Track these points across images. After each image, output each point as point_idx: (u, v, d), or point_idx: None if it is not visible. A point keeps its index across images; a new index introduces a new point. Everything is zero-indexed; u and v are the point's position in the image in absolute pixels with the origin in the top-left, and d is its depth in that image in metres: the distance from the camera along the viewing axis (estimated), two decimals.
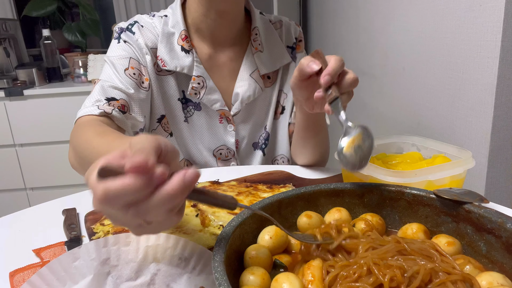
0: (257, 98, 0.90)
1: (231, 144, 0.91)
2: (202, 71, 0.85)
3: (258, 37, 0.89)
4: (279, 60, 0.91)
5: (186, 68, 0.83)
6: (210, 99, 0.86)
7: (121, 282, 0.44)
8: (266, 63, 0.89)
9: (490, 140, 0.80)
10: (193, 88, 0.84)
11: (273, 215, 0.48)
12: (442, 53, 0.93)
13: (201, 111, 0.88)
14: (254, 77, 0.88)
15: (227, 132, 0.90)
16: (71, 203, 0.68)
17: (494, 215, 0.41)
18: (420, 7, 1.02)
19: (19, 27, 2.33)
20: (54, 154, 2.06)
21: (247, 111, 0.90)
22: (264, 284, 0.38)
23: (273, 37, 0.91)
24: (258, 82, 0.88)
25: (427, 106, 1.01)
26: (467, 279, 0.35)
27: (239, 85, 0.87)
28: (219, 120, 0.89)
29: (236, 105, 0.88)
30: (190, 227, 0.55)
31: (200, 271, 0.45)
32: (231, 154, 0.92)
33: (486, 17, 0.77)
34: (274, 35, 0.92)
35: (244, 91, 0.87)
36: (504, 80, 0.76)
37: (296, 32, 0.95)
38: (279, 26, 0.94)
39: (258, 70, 0.88)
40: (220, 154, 0.92)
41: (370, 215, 0.49)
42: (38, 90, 1.97)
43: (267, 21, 0.92)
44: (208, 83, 0.85)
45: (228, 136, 0.90)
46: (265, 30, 0.91)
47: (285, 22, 0.95)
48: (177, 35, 0.84)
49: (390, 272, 0.35)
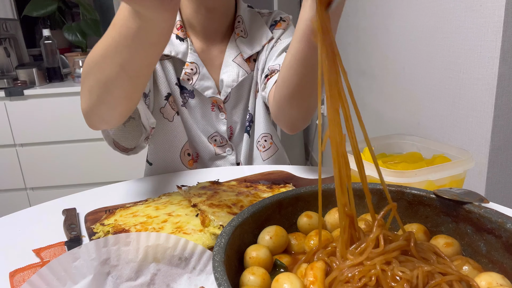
0: (244, 82, 0.92)
1: (222, 131, 0.94)
2: (195, 58, 0.87)
3: (240, 24, 0.91)
4: (262, 40, 0.92)
5: (180, 53, 0.86)
6: (202, 86, 0.88)
7: (121, 282, 0.44)
8: (248, 45, 0.91)
9: (490, 140, 0.80)
10: (186, 74, 0.87)
11: (273, 215, 0.48)
12: (442, 53, 0.93)
13: (194, 98, 0.91)
14: (237, 62, 0.90)
15: (219, 120, 0.93)
16: (71, 203, 0.68)
17: (494, 215, 0.41)
18: (420, 7, 1.02)
19: (20, 27, 2.33)
20: (54, 154, 2.06)
21: (236, 96, 0.93)
22: (265, 284, 0.38)
23: (257, 23, 0.93)
24: (242, 65, 0.90)
25: (427, 106, 1.01)
26: (464, 280, 0.35)
27: (223, 72, 0.90)
28: (211, 108, 0.92)
29: (223, 91, 0.90)
30: (190, 227, 0.55)
31: (200, 271, 0.45)
32: (224, 141, 0.95)
33: (486, 17, 0.77)
34: (258, 21, 0.94)
35: (228, 76, 0.89)
36: (504, 80, 0.76)
37: (283, 15, 0.95)
38: (267, 15, 0.96)
39: (241, 54, 0.90)
40: (215, 140, 0.95)
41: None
42: (39, 90, 1.97)
43: (254, 12, 0.95)
44: (201, 69, 0.87)
45: (220, 124, 0.93)
46: (250, 18, 0.93)
47: (275, 12, 0.97)
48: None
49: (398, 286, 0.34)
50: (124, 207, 0.64)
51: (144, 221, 0.57)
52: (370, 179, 0.58)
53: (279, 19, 0.94)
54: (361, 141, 0.70)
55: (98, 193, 0.74)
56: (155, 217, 0.59)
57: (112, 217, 0.60)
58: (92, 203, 0.67)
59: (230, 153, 0.96)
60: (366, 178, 0.45)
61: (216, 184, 0.71)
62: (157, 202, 0.65)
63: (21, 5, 2.31)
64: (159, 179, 0.81)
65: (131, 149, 0.78)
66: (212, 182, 0.72)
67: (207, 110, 0.92)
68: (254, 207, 0.46)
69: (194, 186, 0.70)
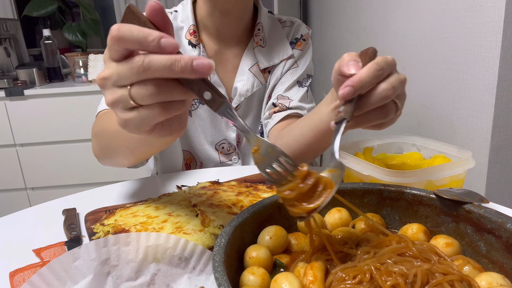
0: (256, 92, 0.91)
1: (231, 139, 0.93)
2: None
3: (260, 32, 0.89)
4: (281, 54, 0.91)
5: None
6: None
7: (121, 282, 0.44)
8: (267, 57, 0.89)
9: (491, 140, 0.80)
10: None
11: (273, 215, 0.48)
12: (442, 53, 0.93)
13: (205, 105, 0.89)
14: (253, 71, 0.89)
15: (229, 127, 0.92)
16: (71, 203, 0.68)
17: (494, 215, 0.41)
18: (420, 7, 1.02)
19: (20, 27, 2.33)
20: (55, 154, 2.06)
21: (247, 105, 0.92)
22: (264, 284, 0.38)
23: (278, 33, 0.92)
24: (257, 76, 0.89)
25: (427, 106, 1.01)
26: (465, 280, 0.35)
27: (238, 80, 0.89)
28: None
29: (235, 100, 0.89)
30: (190, 227, 0.55)
31: (200, 271, 0.45)
32: (232, 149, 0.94)
33: (487, 17, 0.77)
34: (279, 31, 0.92)
35: (242, 85, 0.88)
36: (504, 80, 0.76)
37: (304, 31, 0.94)
38: (289, 25, 0.94)
39: (257, 64, 0.89)
40: (222, 148, 0.94)
41: (370, 215, 0.49)
42: (39, 90, 1.98)
43: (275, 19, 0.93)
44: (212, 77, 0.87)
45: (229, 131, 0.92)
46: (270, 27, 0.91)
47: (296, 23, 0.95)
48: (185, 29, 0.86)
49: (392, 280, 0.35)
50: (124, 207, 0.64)
51: (144, 221, 0.57)
52: (370, 179, 0.58)
53: (299, 36, 0.93)
54: (362, 141, 0.70)
55: (98, 193, 0.74)
56: (155, 217, 0.59)
57: (112, 217, 0.60)
58: (92, 203, 0.67)
59: (236, 162, 0.95)
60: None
61: (216, 184, 0.71)
62: (157, 202, 0.65)
63: (21, 5, 2.31)
64: (159, 179, 0.81)
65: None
66: (212, 182, 0.72)
67: (217, 117, 0.90)
68: (254, 207, 0.46)
69: (194, 186, 0.70)
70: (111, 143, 0.63)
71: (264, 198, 0.48)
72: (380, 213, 0.50)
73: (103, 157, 0.70)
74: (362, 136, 1.54)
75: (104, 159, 0.70)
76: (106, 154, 0.68)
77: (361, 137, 1.29)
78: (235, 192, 0.66)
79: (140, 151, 0.61)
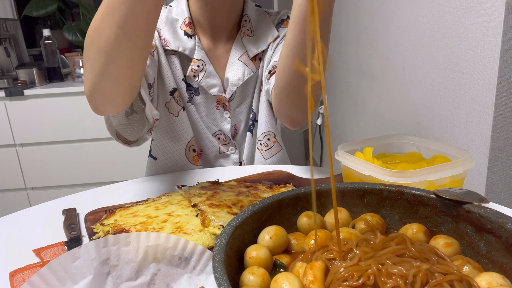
0: (249, 81, 0.92)
1: (226, 130, 0.94)
2: (202, 55, 0.88)
3: (247, 23, 0.91)
4: (269, 39, 0.92)
5: (188, 50, 0.86)
6: (208, 83, 0.88)
7: (121, 282, 0.44)
8: (255, 44, 0.91)
9: (490, 140, 0.80)
10: (192, 70, 0.87)
11: (273, 215, 0.48)
12: (442, 53, 0.93)
13: (199, 96, 0.91)
14: (242, 60, 0.90)
15: (223, 118, 0.93)
16: (71, 203, 0.68)
17: (494, 215, 0.41)
18: (420, 7, 1.02)
19: (20, 27, 2.33)
20: (54, 154, 2.06)
21: (241, 95, 0.93)
22: (264, 284, 0.38)
23: (264, 22, 0.93)
24: (248, 64, 0.90)
25: (427, 106, 1.01)
26: (465, 280, 0.35)
27: (228, 70, 0.90)
28: (216, 106, 0.92)
29: (228, 90, 0.90)
30: (190, 227, 0.55)
31: (200, 271, 0.45)
32: (228, 139, 0.95)
33: (486, 17, 0.77)
34: (266, 20, 0.94)
35: (233, 75, 0.89)
36: (504, 80, 0.76)
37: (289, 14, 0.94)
38: (275, 14, 0.96)
39: (247, 53, 0.90)
40: (218, 138, 0.95)
41: (370, 215, 0.49)
42: (39, 90, 1.98)
43: (262, 11, 0.95)
44: (207, 67, 0.88)
45: (224, 123, 0.94)
46: (257, 17, 0.93)
47: (282, 11, 0.97)
48: (180, 21, 0.88)
49: (393, 282, 0.35)
50: (124, 207, 0.64)
51: (144, 221, 0.58)
52: (370, 179, 0.59)
53: (285, 17, 0.95)
54: (362, 141, 0.70)
55: (98, 193, 0.74)
56: (155, 217, 0.59)
57: (112, 217, 0.60)
58: (92, 203, 0.67)
59: (234, 152, 0.96)
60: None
61: (216, 184, 0.71)
62: (157, 202, 0.65)
63: (21, 5, 2.31)
64: (159, 179, 0.81)
65: (133, 141, 0.78)
66: (212, 182, 0.72)
67: (212, 108, 0.92)
68: (254, 207, 0.46)
69: (194, 186, 0.70)
70: (101, 31, 0.56)
71: (264, 198, 0.48)
72: (380, 213, 0.50)
73: (97, 80, 0.60)
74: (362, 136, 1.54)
75: (98, 84, 0.60)
76: (99, 64, 0.58)
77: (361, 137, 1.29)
78: (235, 192, 0.66)
79: (133, 21, 0.53)
